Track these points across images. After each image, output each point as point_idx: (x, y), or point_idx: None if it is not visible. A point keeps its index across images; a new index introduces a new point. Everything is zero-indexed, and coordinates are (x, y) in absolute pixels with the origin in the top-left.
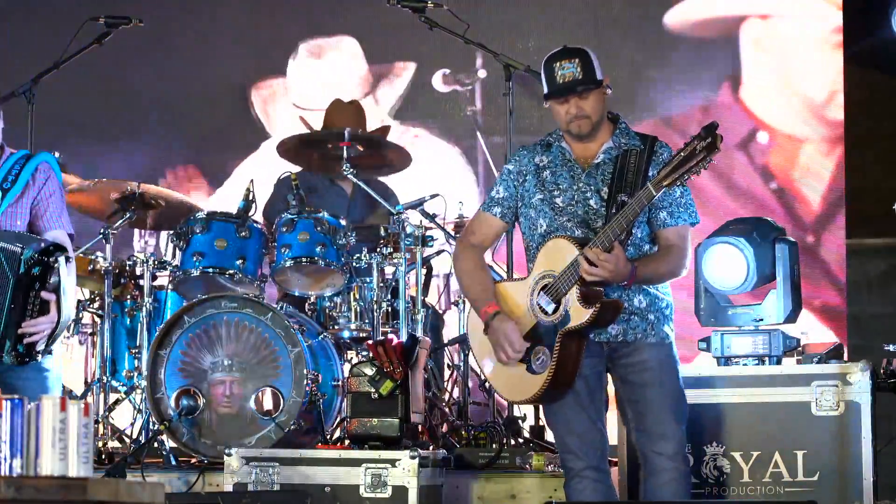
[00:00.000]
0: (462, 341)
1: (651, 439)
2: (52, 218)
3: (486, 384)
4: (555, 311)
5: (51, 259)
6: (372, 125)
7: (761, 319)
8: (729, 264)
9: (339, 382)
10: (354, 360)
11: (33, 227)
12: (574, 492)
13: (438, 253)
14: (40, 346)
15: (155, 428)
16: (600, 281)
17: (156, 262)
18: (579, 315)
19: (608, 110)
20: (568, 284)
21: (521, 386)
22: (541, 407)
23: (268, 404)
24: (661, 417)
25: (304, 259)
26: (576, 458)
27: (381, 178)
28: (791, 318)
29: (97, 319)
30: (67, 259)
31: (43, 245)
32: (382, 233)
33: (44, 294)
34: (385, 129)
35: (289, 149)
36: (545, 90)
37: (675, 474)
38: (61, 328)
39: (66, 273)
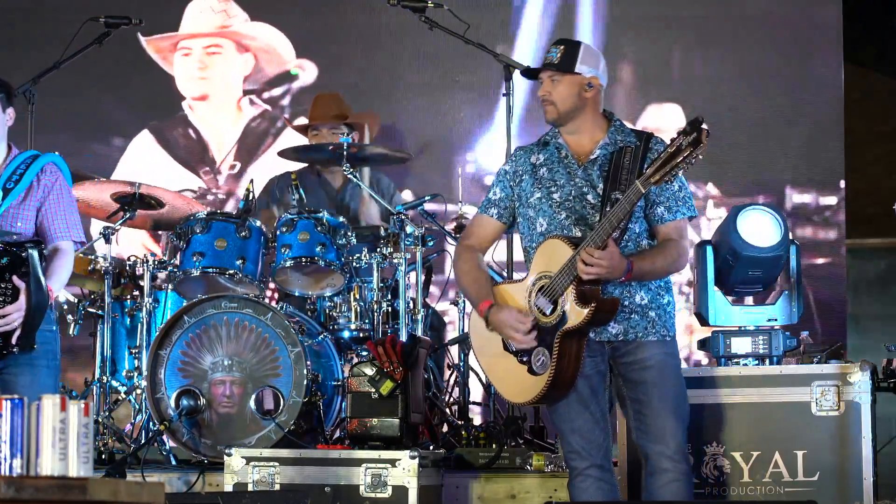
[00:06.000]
0: (462, 341)
1: (651, 438)
2: (59, 226)
3: (491, 388)
4: (552, 311)
5: (19, 250)
6: None
7: (775, 319)
8: (765, 227)
9: (339, 382)
10: (354, 360)
11: (39, 230)
12: (578, 490)
13: (439, 253)
14: (14, 337)
15: (155, 428)
16: (596, 279)
17: (156, 262)
18: (576, 315)
19: (603, 108)
20: (564, 284)
21: (523, 387)
22: (540, 407)
23: (268, 404)
24: (661, 416)
25: (304, 259)
26: (579, 457)
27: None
28: (801, 318)
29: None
30: (42, 254)
31: (15, 238)
32: (382, 233)
33: (15, 280)
34: (371, 116)
35: (290, 155)
36: None
37: (676, 474)
38: (36, 320)
39: (45, 269)
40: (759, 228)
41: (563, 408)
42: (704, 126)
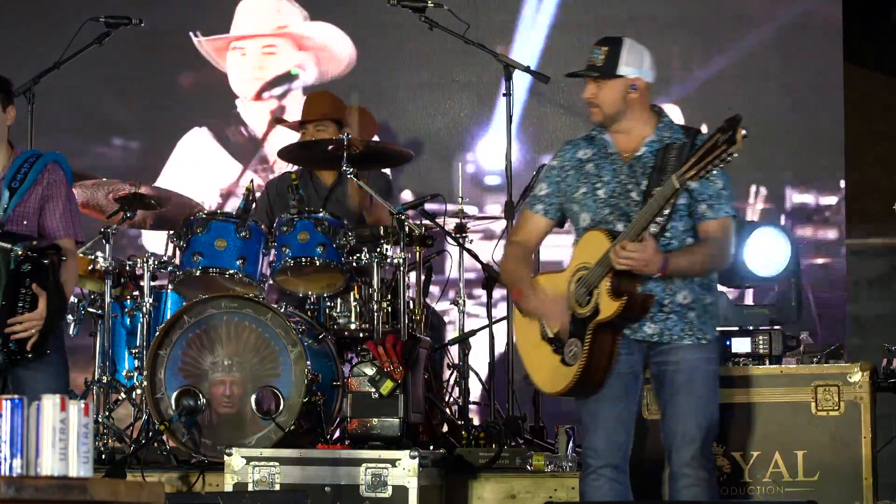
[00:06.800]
0: (462, 341)
1: (672, 442)
2: (62, 225)
3: (491, 388)
4: (588, 303)
5: (42, 257)
6: None
7: (774, 318)
8: (774, 248)
9: (339, 382)
10: (354, 360)
11: (42, 229)
12: (590, 489)
13: (439, 253)
14: (29, 344)
15: (155, 428)
16: (631, 273)
17: (156, 262)
18: (608, 307)
19: (651, 104)
20: (600, 276)
21: (554, 378)
22: (541, 407)
23: (268, 404)
24: (684, 422)
25: (304, 259)
26: (597, 455)
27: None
28: (800, 317)
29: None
30: (62, 260)
31: (35, 243)
32: (382, 233)
33: (34, 288)
34: (361, 111)
35: (289, 155)
36: None
37: (693, 480)
38: (53, 327)
39: (61, 274)
40: (766, 251)
41: (592, 403)
42: (741, 126)
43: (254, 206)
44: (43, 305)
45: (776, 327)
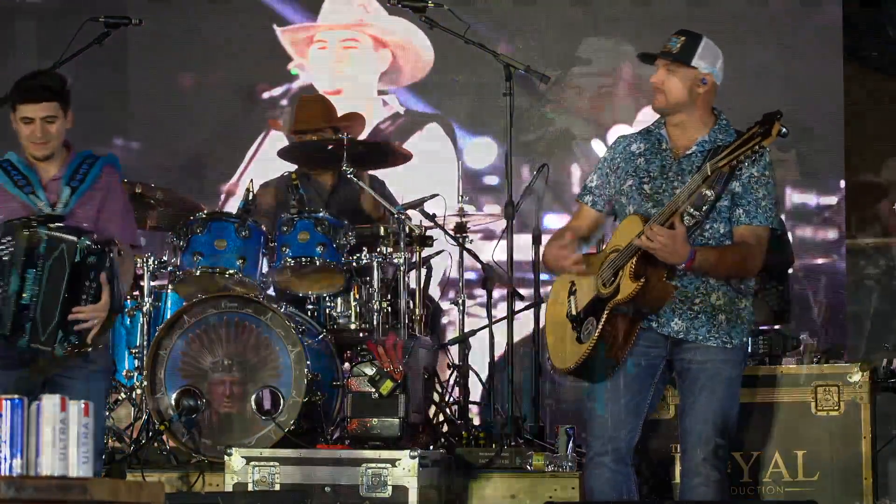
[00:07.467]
0: (462, 341)
1: (688, 440)
2: (120, 227)
3: (491, 388)
4: (611, 284)
5: (107, 249)
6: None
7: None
8: None
9: (339, 382)
10: (354, 360)
11: (101, 229)
12: (591, 477)
13: (438, 253)
14: (89, 337)
15: (155, 428)
16: (658, 259)
17: (156, 262)
18: (626, 288)
19: (713, 107)
20: (626, 259)
21: (567, 354)
22: (541, 407)
23: (268, 404)
24: (700, 422)
25: (304, 259)
26: (598, 442)
27: (380, 176)
28: (781, 318)
29: None
30: (120, 254)
31: (97, 236)
32: (382, 233)
33: (103, 278)
34: (355, 116)
35: (289, 154)
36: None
37: (703, 479)
38: (112, 321)
39: (119, 269)
40: None
41: (600, 389)
42: (779, 122)
43: (254, 205)
44: (107, 297)
45: (776, 327)
